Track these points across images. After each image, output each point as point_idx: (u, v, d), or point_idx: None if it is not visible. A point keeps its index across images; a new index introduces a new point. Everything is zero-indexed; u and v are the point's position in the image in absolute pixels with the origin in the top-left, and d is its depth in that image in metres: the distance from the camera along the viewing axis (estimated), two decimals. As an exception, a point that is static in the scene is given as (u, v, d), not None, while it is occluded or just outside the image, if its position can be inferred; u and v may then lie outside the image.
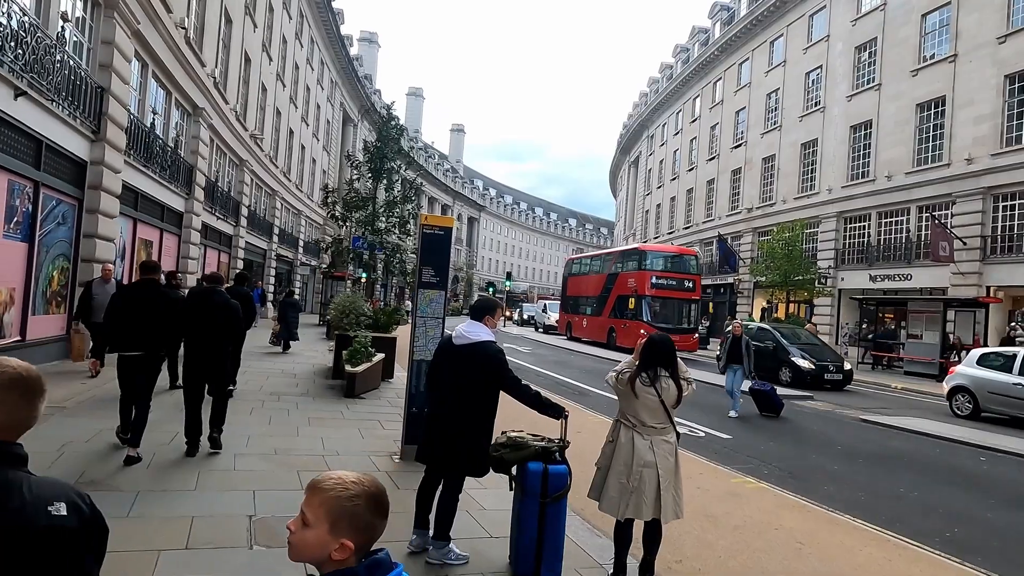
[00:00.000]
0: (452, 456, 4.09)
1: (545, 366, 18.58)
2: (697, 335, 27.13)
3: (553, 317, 39.97)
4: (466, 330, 4.23)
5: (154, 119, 15.26)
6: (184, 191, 18.29)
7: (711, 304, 36.19)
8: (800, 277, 27.13)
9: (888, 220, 27.32)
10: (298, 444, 6.71)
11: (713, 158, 42.28)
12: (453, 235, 6.87)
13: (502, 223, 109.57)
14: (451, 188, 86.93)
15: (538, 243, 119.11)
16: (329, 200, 12.37)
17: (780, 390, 14.91)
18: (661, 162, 53.12)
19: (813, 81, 32.71)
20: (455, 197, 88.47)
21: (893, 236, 27.01)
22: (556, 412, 4.22)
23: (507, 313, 54.15)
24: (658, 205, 52.73)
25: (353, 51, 53.94)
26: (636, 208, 60.86)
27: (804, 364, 16.82)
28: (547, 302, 49.44)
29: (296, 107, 35.23)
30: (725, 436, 9.28)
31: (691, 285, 26.52)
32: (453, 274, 74.05)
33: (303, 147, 37.93)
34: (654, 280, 25.74)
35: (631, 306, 25.97)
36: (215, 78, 20.08)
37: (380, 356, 11.15)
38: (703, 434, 9.04)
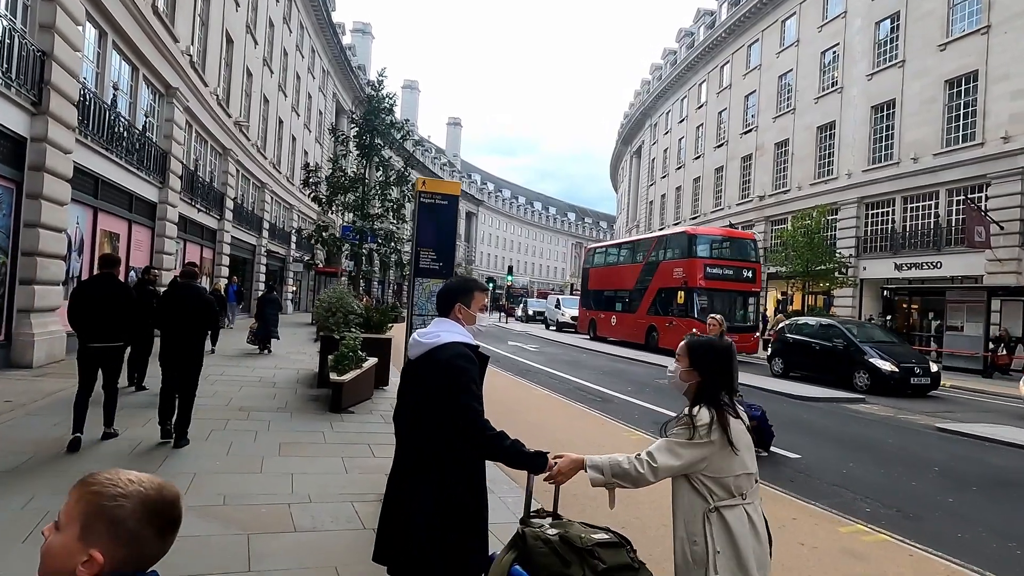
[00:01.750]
0: (418, 565, 2.27)
1: (556, 366, 16.96)
2: (757, 334, 23.18)
3: (569, 313, 36.73)
4: (422, 333, 2.50)
5: (116, 95, 13.60)
6: (157, 179, 16.63)
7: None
8: (823, 267, 25.45)
9: (914, 205, 25.71)
10: (258, 486, 5.09)
11: (721, 145, 40.64)
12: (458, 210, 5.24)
13: (500, 217, 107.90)
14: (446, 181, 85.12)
15: (537, 238, 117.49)
16: (311, 180, 10.68)
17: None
18: (665, 151, 51.46)
19: (829, 61, 31.06)
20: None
21: (920, 222, 25.39)
22: (536, 465, 2.40)
23: (508, 307, 52.53)
24: (663, 195, 51.09)
25: (346, 40, 52.12)
26: (639, 199, 59.23)
27: (885, 366, 14.01)
28: (560, 297, 45.38)
29: (285, 96, 33.54)
30: (793, 455, 7.68)
31: (750, 274, 22.78)
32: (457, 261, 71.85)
33: (294, 138, 36.25)
34: (708, 269, 21.91)
35: (679, 300, 22.07)
36: (191, 56, 18.40)
37: (372, 361, 9.54)
38: (767, 453, 7.46)
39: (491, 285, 65.22)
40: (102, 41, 13.23)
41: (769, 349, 17.00)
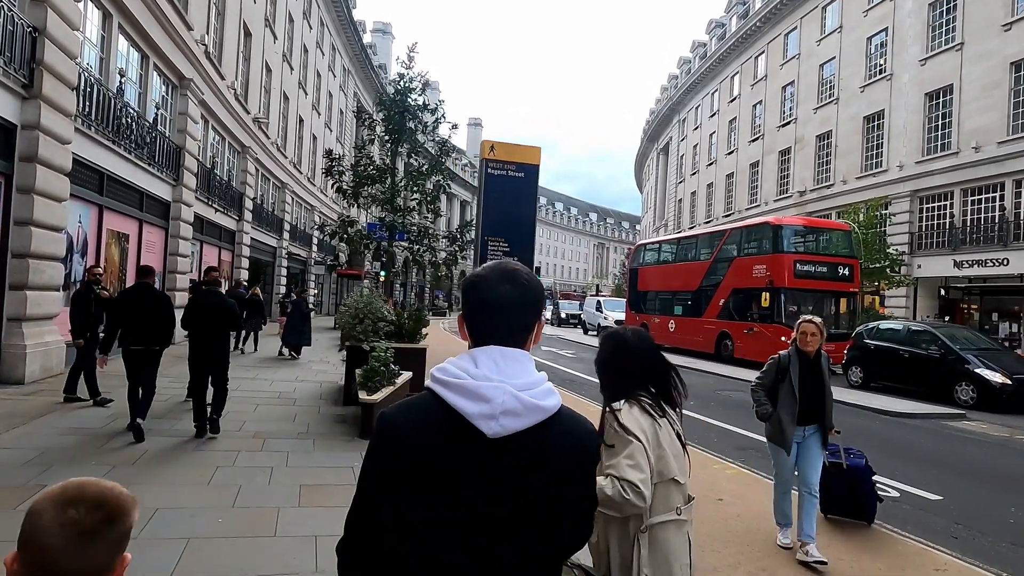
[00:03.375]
0: None
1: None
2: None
3: (613, 317, 32.65)
4: (505, 387, 1.20)
5: (123, 83, 12.52)
6: (171, 176, 15.56)
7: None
8: (877, 264, 23.71)
9: (976, 197, 23.88)
10: (270, 557, 3.81)
11: (756, 139, 38.94)
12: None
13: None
14: (470, 183, 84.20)
15: (559, 238, 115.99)
16: (334, 169, 9.46)
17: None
18: (695, 147, 49.77)
19: (877, 46, 29.27)
20: (474, 193, 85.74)
21: (982, 215, 23.57)
22: None
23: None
24: (692, 193, 49.39)
25: (366, 40, 51.21)
26: (668, 197, 57.57)
27: (995, 378, 12.04)
28: (603, 298, 41.09)
29: (306, 94, 32.58)
30: (931, 496, 6.24)
31: (847, 272, 19.35)
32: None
33: (314, 137, 35.28)
34: (798, 266, 18.64)
35: (763, 303, 18.79)
36: (206, 47, 17.34)
37: (406, 376, 8.26)
38: (898, 493, 6.05)
39: (515, 287, 64.01)
40: (107, 23, 12.16)
41: (845, 356, 15.30)
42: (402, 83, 9.86)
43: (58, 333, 9.93)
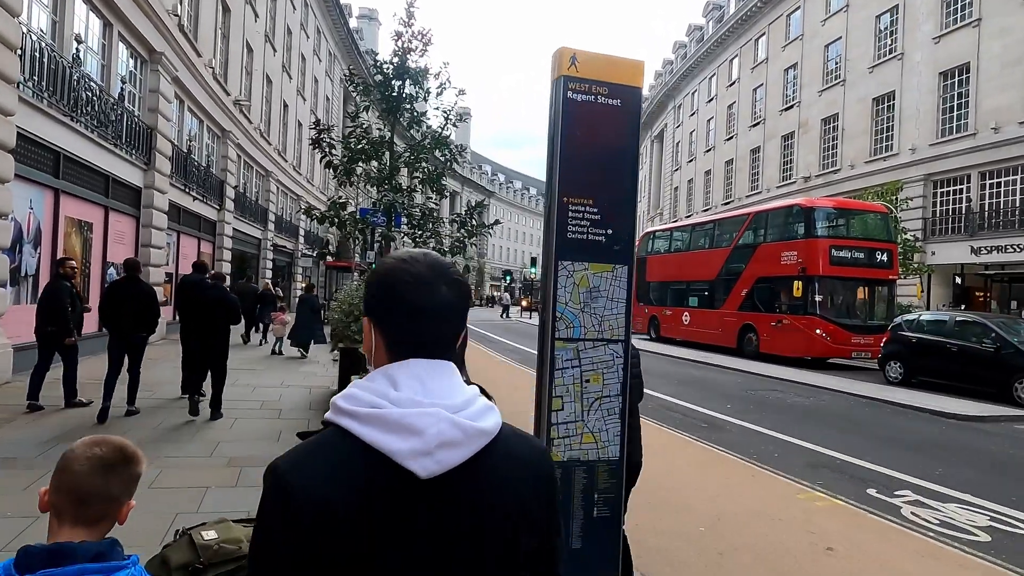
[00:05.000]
0: None
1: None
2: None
3: None
4: (438, 412, 0.92)
5: (79, 50, 11.08)
6: (141, 160, 14.16)
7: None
8: (894, 251, 22.61)
9: (995, 181, 22.87)
10: None
11: (757, 124, 37.82)
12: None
13: (512, 209, 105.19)
14: (459, 173, 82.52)
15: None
16: (323, 140, 8.16)
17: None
18: (692, 133, 48.61)
19: (886, 25, 28.15)
20: (464, 183, 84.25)
21: (1002, 199, 22.58)
22: None
23: (524, 303, 49.88)
24: (689, 180, 48.27)
25: (352, 24, 49.52)
26: (663, 185, 56.47)
27: None
28: None
29: (290, 77, 31.05)
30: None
31: (885, 258, 17.87)
32: (474, 262, 67.91)
33: (300, 124, 33.69)
34: (833, 252, 17.15)
35: (795, 292, 17.20)
36: (179, 18, 15.87)
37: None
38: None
39: (507, 279, 62.92)
40: (59, -19, 10.72)
41: (881, 350, 14.15)
42: (400, 42, 8.54)
43: (4, 336, 8.59)
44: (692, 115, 48.65)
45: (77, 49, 10.99)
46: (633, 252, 2.51)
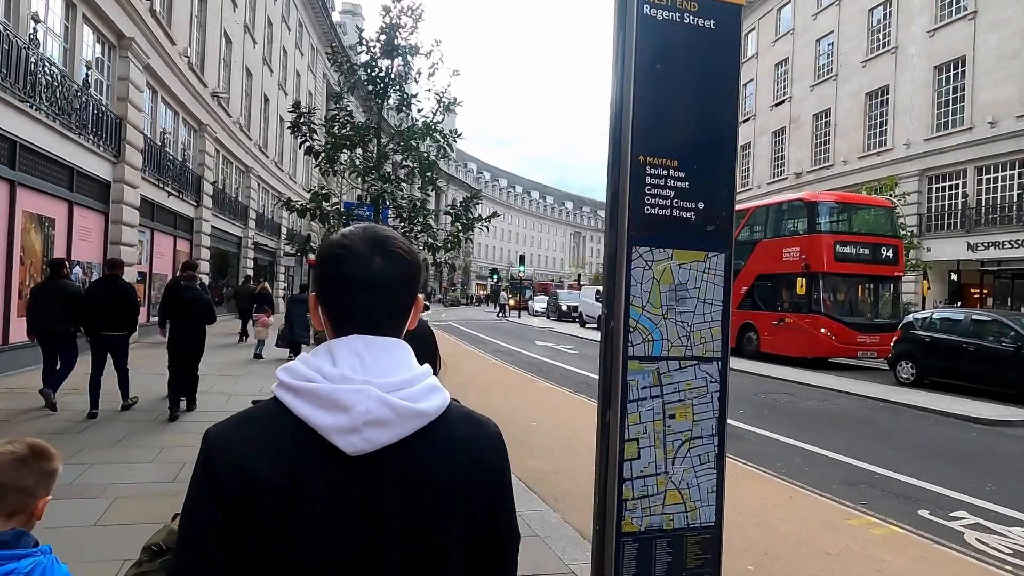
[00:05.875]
0: None
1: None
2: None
3: None
4: (368, 390, 0.91)
5: (36, 30, 10.20)
6: (110, 152, 13.29)
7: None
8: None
9: (992, 176, 22.56)
10: None
11: (748, 119, 37.39)
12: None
13: (498, 207, 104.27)
14: (444, 171, 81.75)
15: (535, 227, 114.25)
16: (302, 123, 7.40)
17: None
18: (680, 130, 48.15)
19: (880, 18, 27.79)
20: (449, 180, 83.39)
21: (999, 195, 22.27)
22: None
23: (511, 303, 49.10)
24: (678, 178, 47.80)
25: (335, 18, 48.52)
26: (650, 183, 55.96)
27: None
28: (601, 289, 38.99)
29: (271, 71, 30.10)
30: None
31: (890, 254, 17.26)
32: (460, 261, 66.55)
33: (281, 119, 32.64)
34: (839, 248, 16.57)
35: (798, 290, 16.64)
36: (151, 3, 14.99)
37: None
38: None
39: (495, 276, 62.16)
40: (14, -44, 9.85)
41: (891, 350, 13.59)
42: (388, 18, 7.80)
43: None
44: (680, 111, 48.20)
45: (35, 29, 10.11)
46: (732, 234, 1.84)
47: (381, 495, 0.91)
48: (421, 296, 1.06)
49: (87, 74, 12.25)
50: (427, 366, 1.00)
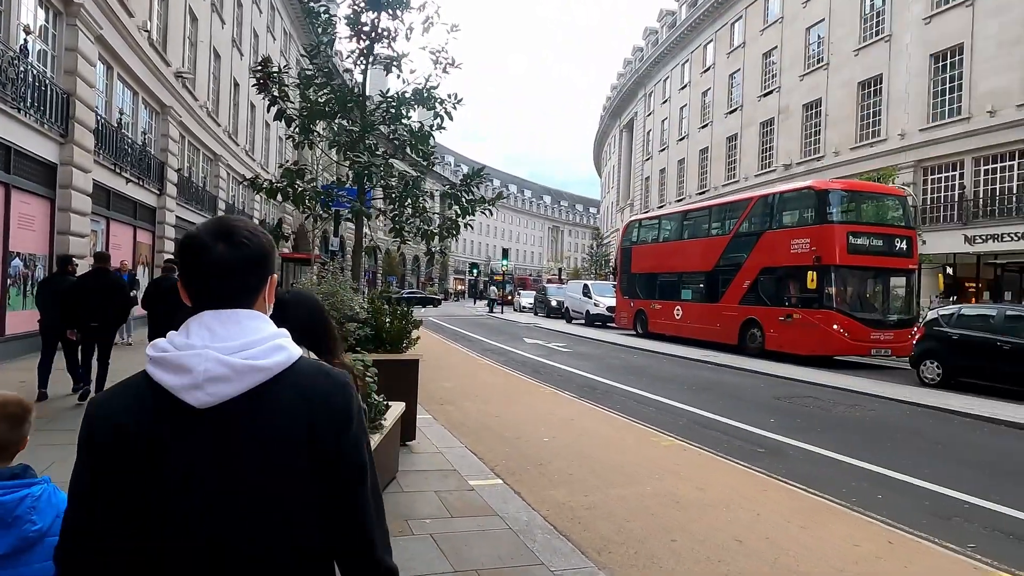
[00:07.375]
0: None
1: (619, 377, 12.59)
2: (915, 330, 14.98)
3: (604, 303, 28.95)
4: (208, 353, 1.09)
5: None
6: (56, 131, 11.86)
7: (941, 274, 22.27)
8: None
9: (990, 167, 22.00)
10: None
11: (734, 110, 36.74)
12: None
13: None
14: (420, 163, 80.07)
15: (513, 222, 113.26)
16: (273, 80, 6.18)
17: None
18: (664, 122, 47.40)
19: (872, 5, 27.15)
20: (425, 173, 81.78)
21: (998, 186, 21.72)
22: None
23: (498, 297, 48.02)
24: (661, 170, 47.07)
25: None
26: (632, 176, 55.24)
27: None
28: (591, 283, 34.93)
29: (241, 55, 28.50)
30: None
31: (904, 245, 16.27)
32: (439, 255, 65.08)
33: (252, 105, 31.08)
34: (851, 239, 15.56)
35: (809, 283, 15.29)
36: (103, -34, 13.53)
37: (397, 410, 5.19)
38: None
39: (475, 271, 60.95)
40: None
41: (913, 348, 12.74)
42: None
43: None
44: (664, 103, 47.43)
45: (-44, -19, 8.73)
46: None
47: (228, 439, 1.05)
48: (275, 275, 1.20)
49: (25, 39, 10.82)
50: (282, 331, 1.15)
